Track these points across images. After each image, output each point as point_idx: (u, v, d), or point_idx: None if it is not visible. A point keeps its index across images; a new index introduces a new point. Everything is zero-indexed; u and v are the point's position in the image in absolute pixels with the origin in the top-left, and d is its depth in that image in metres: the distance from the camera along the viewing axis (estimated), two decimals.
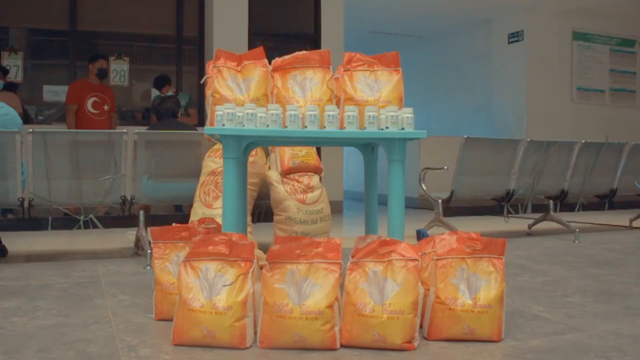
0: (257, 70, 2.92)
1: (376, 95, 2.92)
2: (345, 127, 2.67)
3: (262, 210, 4.55)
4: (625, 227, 6.46)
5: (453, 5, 9.76)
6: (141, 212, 4.26)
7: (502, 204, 5.48)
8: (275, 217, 4.19)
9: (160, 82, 7.08)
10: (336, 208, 8.17)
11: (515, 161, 5.35)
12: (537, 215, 5.84)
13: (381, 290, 2.34)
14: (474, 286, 2.47)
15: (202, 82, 3.00)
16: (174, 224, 2.94)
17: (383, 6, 9.74)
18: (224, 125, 2.64)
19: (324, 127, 2.65)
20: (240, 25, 7.79)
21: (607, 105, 10.47)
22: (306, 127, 2.64)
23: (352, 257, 2.52)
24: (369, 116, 2.66)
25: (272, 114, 2.62)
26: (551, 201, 5.73)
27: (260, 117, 2.66)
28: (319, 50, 2.96)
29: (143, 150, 4.16)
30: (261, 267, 4.06)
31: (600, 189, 6.05)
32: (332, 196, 8.01)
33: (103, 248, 4.83)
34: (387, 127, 2.67)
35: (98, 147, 4.05)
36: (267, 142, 3.26)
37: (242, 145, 2.66)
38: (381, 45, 12.18)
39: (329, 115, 2.64)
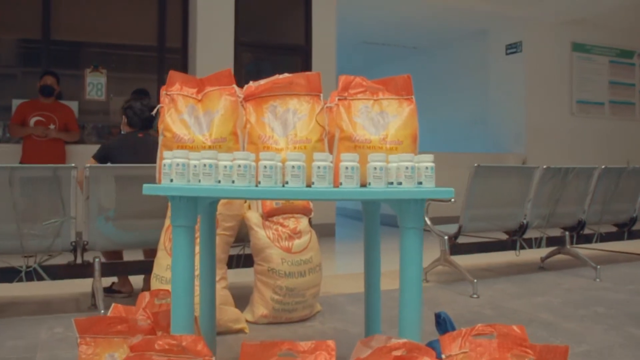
0: (222, 99, 2.07)
1: (382, 134, 2.09)
2: (341, 182, 1.82)
3: (242, 252, 3.70)
4: None
5: (448, 16, 8.96)
6: (96, 260, 3.41)
7: (514, 238, 4.64)
8: (256, 267, 3.34)
9: (139, 97, 6.20)
10: (328, 232, 7.34)
11: (530, 190, 4.52)
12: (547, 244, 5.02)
13: None
14: None
15: (153, 113, 2.16)
16: (113, 304, 2.10)
17: (376, 16, 8.93)
18: (172, 180, 1.79)
19: (312, 183, 1.81)
20: (226, 35, 6.94)
21: (606, 119, 9.68)
22: (287, 182, 1.79)
23: None
24: (375, 168, 1.82)
25: (238, 166, 1.77)
26: (567, 233, 4.91)
27: (224, 167, 1.82)
28: (306, 73, 2.12)
29: (97, 187, 3.30)
30: (238, 330, 3.23)
31: (619, 217, 5.23)
32: (323, 218, 7.21)
33: (58, 295, 3.96)
34: (399, 183, 1.83)
35: (41, 185, 3.19)
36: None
37: (199, 208, 1.81)
38: (374, 56, 11.38)
39: (318, 167, 1.79)
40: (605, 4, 8.62)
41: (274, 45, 7.48)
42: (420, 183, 1.89)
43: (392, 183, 1.88)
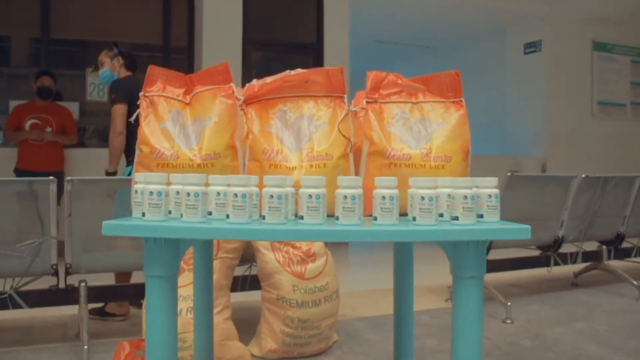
0: (217, 102, 1.55)
1: (424, 147, 1.56)
2: (375, 217, 1.29)
3: (249, 272, 3.19)
4: None
5: (464, 14, 8.40)
6: (82, 285, 2.90)
7: (548, 254, 4.10)
8: (264, 294, 2.83)
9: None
10: None
11: (567, 201, 3.98)
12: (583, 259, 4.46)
13: None
14: None
15: (132, 119, 1.64)
16: None
17: (389, 14, 8.39)
18: (144, 214, 1.27)
19: (336, 217, 1.28)
20: (234, 33, 6.43)
21: (628, 120, 9.07)
22: (302, 217, 1.27)
23: None
24: (422, 198, 1.29)
25: (235, 195, 1.25)
26: (605, 247, 4.36)
27: (217, 194, 1.30)
28: (325, 69, 1.59)
29: (81, 202, 2.79)
30: None
31: None
32: None
33: (42, 319, 3.46)
34: (454, 217, 1.30)
35: (16, 201, 2.68)
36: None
37: (180, 253, 1.29)
38: (386, 56, 10.82)
39: (345, 197, 1.27)
40: (627, 1, 8.04)
41: (284, 43, 6.95)
42: (481, 216, 1.36)
43: (441, 214, 1.35)
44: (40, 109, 5.29)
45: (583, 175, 3.97)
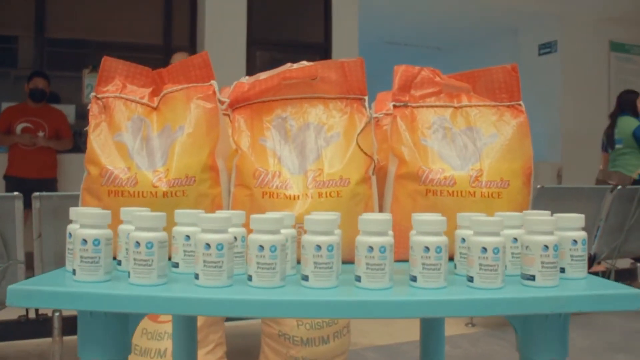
0: (192, 107, 1.13)
1: (473, 168, 1.14)
2: (415, 276, 0.86)
3: None
4: None
5: (475, 14, 7.97)
6: (56, 316, 2.48)
7: None
8: (264, 327, 2.40)
9: None
10: None
11: (601, 215, 3.54)
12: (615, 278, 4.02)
13: None
14: None
15: (86, 129, 1.21)
16: None
17: (398, 15, 7.96)
18: (74, 272, 0.85)
19: (357, 275, 0.85)
20: (238, 32, 6.02)
21: None
22: (307, 277, 0.84)
23: None
24: (484, 250, 0.85)
25: (205, 244, 0.82)
26: (639, 264, 3.92)
27: (187, 239, 0.89)
28: (340, 61, 1.16)
29: (54, 220, 2.37)
30: None
31: None
32: None
33: (17, 348, 3.04)
34: (529, 276, 0.87)
35: None
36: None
37: (131, 328, 0.87)
38: (394, 58, 10.38)
39: (371, 249, 0.83)
40: None
41: (290, 42, 6.52)
42: (562, 270, 0.93)
43: (505, 265, 0.92)
44: (33, 112, 4.90)
45: (619, 187, 3.53)
